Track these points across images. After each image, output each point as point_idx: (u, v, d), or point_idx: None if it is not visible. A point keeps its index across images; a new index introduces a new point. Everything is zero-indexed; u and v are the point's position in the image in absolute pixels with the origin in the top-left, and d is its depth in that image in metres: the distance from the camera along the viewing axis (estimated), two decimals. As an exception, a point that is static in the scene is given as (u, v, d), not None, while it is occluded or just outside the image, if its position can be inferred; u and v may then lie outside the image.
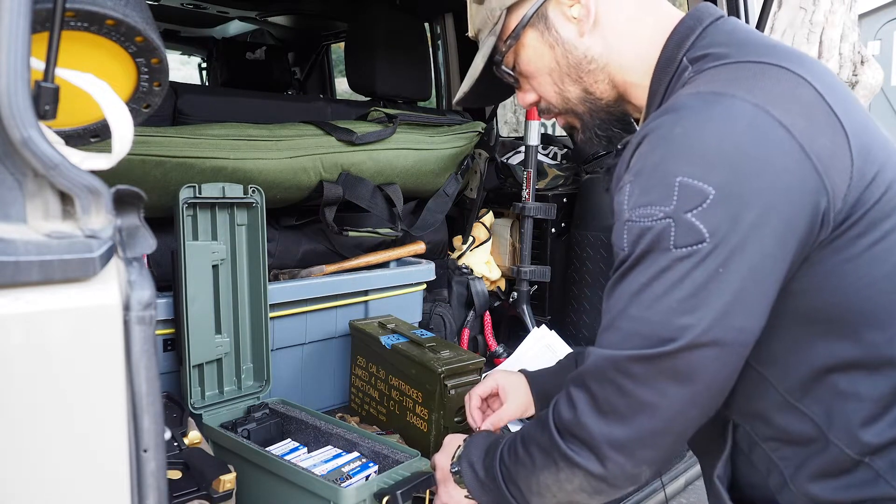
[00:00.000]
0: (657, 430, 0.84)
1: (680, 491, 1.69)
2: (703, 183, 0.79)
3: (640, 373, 0.82)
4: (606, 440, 0.85)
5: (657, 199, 0.81)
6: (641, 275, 0.82)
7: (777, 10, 6.10)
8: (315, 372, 1.74)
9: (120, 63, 0.82)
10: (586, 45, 1.00)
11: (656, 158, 0.83)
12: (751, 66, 0.86)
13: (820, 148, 0.81)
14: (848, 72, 6.43)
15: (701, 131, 0.81)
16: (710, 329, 0.79)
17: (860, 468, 0.86)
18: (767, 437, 0.94)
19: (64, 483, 0.60)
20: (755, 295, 0.81)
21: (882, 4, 9.82)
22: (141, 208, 0.64)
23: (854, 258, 0.83)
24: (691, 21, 0.96)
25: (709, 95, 0.84)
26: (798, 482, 0.91)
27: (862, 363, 0.85)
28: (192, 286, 1.37)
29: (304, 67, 3.78)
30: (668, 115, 0.85)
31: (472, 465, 1.07)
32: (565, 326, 2.21)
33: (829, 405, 0.87)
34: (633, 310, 0.83)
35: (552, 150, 2.41)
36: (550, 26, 1.01)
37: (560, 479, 0.91)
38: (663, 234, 0.80)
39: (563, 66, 1.02)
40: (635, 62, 0.99)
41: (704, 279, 0.79)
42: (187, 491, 1.04)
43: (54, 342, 0.57)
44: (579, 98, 1.04)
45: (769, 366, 0.89)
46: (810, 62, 0.90)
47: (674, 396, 0.82)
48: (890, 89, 9.27)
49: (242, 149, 1.59)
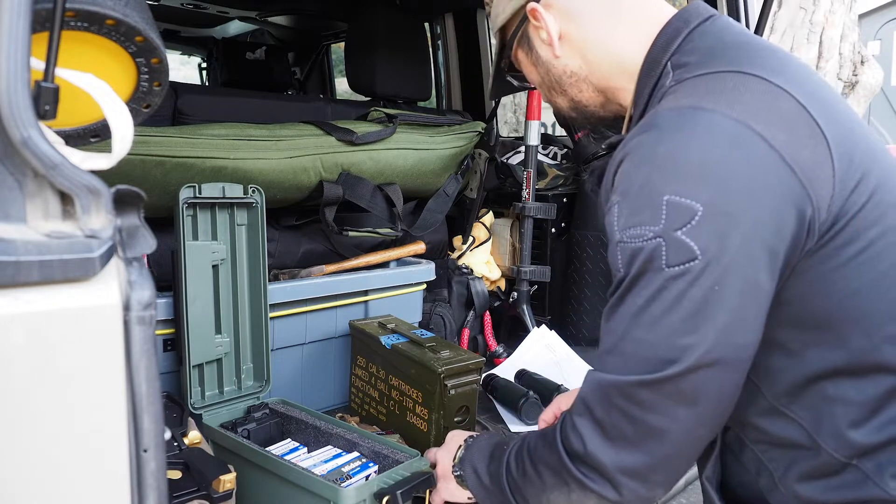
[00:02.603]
0: (669, 454, 0.84)
1: (680, 491, 1.69)
2: (691, 200, 0.79)
3: (647, 398, 0.82)
4: (619, 468, 0.85)
5: (646, 219, 0.81)
6: (638, 296, 0.82)
7: (777, 10, 6.10)
8: (315, 372, 1.74)
9: (120, 63, 0.82)
10: (563, 63, 1.05)
11: (642, 178, 0.83)
12: (730, 77, 0.86)
13: (803, 160, 0.81)
14: (848, 72, 6.43)
15: (684, 149, 0.81)
16: (712, 349, 0.79)
17: (848, 470, 0.87)
18: (756, 440, 0.94)
19: (64, 483, 0.60)
20: (751, 310, 0.81)
21: (882, 4, 9.82)
22: (141, 208, 0.64)
23: (840, 267, 0.83)
24: (678, 22, 0.96)
25: (688, 111, 0.84)
26: (787, 483, 0.91)
27: (849, 369, 0.86)
28: (192, 286, 1.37)
29: (304, 67, 3.78)
30: (649, 133, 0.85)
31: (476, 470, 1.07)
32: (565, 326, 2.21)
33: (817, 410, 0.87)
34: (635, 332, 0.83)
35: (552, 150, 2.41)
36: (532, 47, 1.07)
37: (572, 501, 0.91)
38: (655, 254, 0.80)
39: (547, 81, 1.09)
40: (615, 69, 1.02)
41: (701, 298, 0.79)
42: (187, 491, 1.04)
43: (54, 342, 0.57)
44: (569, 107, 1.10)
45: (760, 374, 0.90)
46: (793, 68, 0.90)
47: (683, 419, 0.82)
48: (890, 89, 9.27)
49: (242, 149, 1.59)
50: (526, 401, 1.62)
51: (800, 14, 6.23)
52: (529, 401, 1.62)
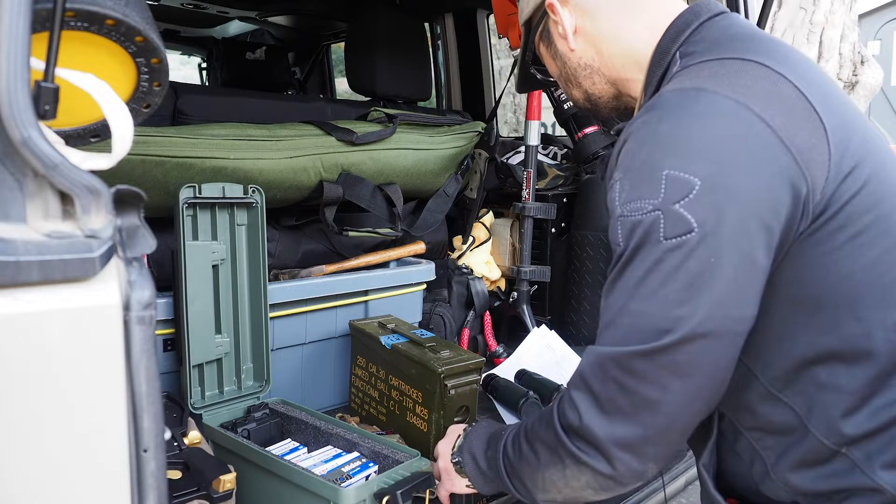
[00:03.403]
0: (662, 426, 0.85)
1: (680, 491, 1.69)
2: (689, 174, 0.81)
3: (642, 369, 0.83)
4: (613, 440, 0.86)
5: (646, 192, 0.83)
6: (637, 269, 0.84)
7: (777, 10, 6.10)
8: (315, 372, 1.73)
9: (120, 63, 0.82)
10: (578, 56, 1.09)
11: (644, 154, 0.86)
12: (733, 63, 0.89)
13: (800, 141, 0.83)
14: (848, 72, 6.42)
15: (686, 126, 0.84)
16: (706, 319, 0.81)
17: (837, 458, 0.88)
18: (751, 426, 0.95)
19: (64, 483, 0.60)
20: (747, 283, 0.83)
21: (882, 4, 9.81)
22: (141, 208, 0.64)
23: (833, 251, 0.85)
24: (689, 16, 1.00)
25: (691, 91, 0.87)
26: (779, 471, 0.92)
27: (841, 355, 0.87)
28: (192, 286, 1.37)
29: (304, 67, 3.78)
30: (652, 112, 0.88)
31: (474, 456, 1.09)
32: (565, 326, 2.21)
33: (810, 396, 0.89)
34: (632, 304, 0.84)
35: (552, 150, 2.41)
36: (551, 42, 1.13)
37: (567, 477, 0.92)
38: (653, 227, 0.82)
39: (564, 74, 1.13)
40: (627, 61, 1.05)
41: (697, 269, 0.80)
42: (187, 491, 1.04)
43: (54, 342, 0.57)
44: (584, 98, 1.14)
45: (754, 357, 0.91)
46: (795, 59, 0.93)
47: (677, 391, 0.83)
48: (890, 89, 9.26)
49: (242, 149, 1.59)
50: (526, 401, 1.62)
51: (800, 14, 6.22)
52: (529, 401, 1.62)
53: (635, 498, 1.51)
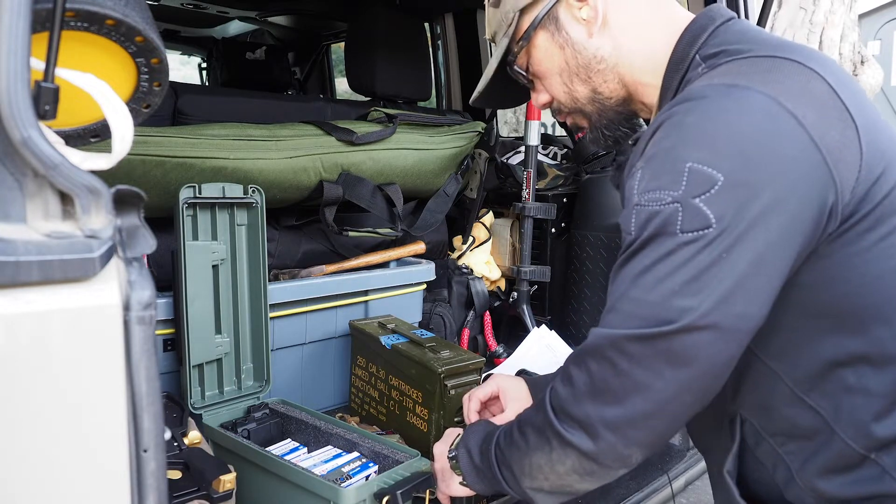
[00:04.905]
0: (649, 412, 0.85)
1: (680, 491, 1.69)
2: (713, 169, 0.80)
3: (636, 352, 0.83)
4: (599, 419, 0.86)
5: (666, 183, 0.82)
6: (646, 258, 0.83)
7: (777, 10, 6.10)
8: (315, 372, 1.73)
9: (120, 63, 0.82)
10: (595, 46, 1.02)
11: (668, 144, 0.84)
12: (764, 61, 0.87)
13: (830, 140, 0.82)
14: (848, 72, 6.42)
15: (714, 120, 0.82)
16: (709, 313, 0.80)
17: (866, 464, 0.87)
18: (774, 431, 0.94)
19: (64, 483, 0.60)
20: (758, 282, 0.81)
21: (882, 4, 9.81)
22: (141, 208, 0.64)
23: (862, 252, 0.84)
24: (704, 20, 0.98)
25: (721, 87, 0.85)
26: (805, 477, 0.91)
27: (869, 358, 0.86)
28: (192, 286, 1.37)
29: (304, 67, 3.78)
30: (682, 105, 0.86)
31: (469, 451, 1.08)
32: (565, 326, 2.20)
33: (836, 399, 0.87)
34: (635, 291, 0.84)
35: (552, 150, 2.41)
36: (561, 27, 1.03)
37: (552, 460, 0.92)
38: (671, 219, 0.81)
39: (572, 67, 1.04)
40: (645, 62, 1.01)
41: (707, 263, 0.80)
42: (187, 491, 1.04)
43: (54, 342, 0.57)
44: (588, 98, 1.06)
45: (778, 359, 0.90)
46: (822, 57, 0.91)
47: (668, 379, 0.83)
48: (890, 89, 9.26)
49: (242, 149, 1.59)
50: (526, 401, 1.62)
51: (800, 14, 6.22)
52: (529, 401, 1.62)
53: (636, 498, 1.51)
